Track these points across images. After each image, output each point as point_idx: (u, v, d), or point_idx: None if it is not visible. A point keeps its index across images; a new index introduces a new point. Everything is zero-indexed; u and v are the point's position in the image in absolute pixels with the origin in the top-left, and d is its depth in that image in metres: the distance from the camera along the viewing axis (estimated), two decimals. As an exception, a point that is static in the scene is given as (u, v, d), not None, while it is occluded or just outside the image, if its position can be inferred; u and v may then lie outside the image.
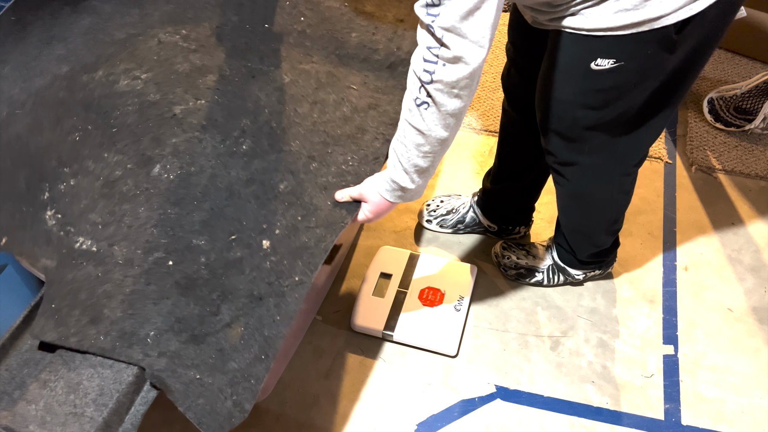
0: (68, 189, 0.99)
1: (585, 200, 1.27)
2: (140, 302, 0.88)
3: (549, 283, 1.49)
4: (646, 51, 0.91)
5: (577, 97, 1.02)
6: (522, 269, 1.48)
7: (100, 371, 0.82)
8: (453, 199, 1.63)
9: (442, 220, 1.60)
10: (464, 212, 1.59)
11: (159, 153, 1.03)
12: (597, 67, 0.94)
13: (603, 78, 0.95)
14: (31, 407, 0.79)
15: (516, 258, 1.49)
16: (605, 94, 0.99)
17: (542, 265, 1.48)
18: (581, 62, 0.95)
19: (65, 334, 0.84)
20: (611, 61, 0.93)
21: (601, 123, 1.04)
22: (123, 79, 1.13)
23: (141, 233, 0.95)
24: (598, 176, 1.19)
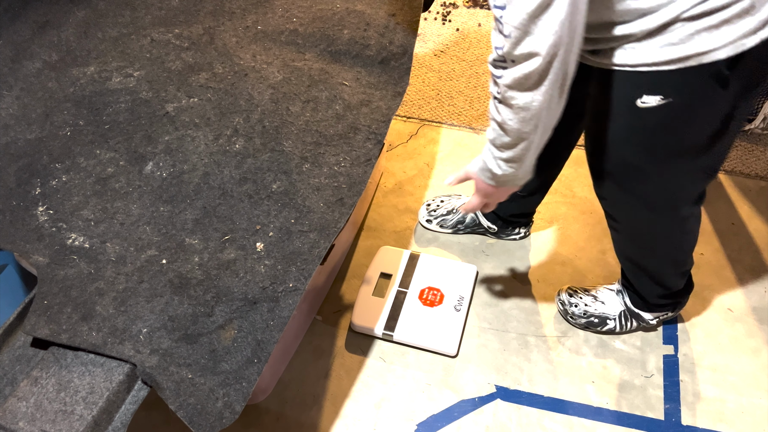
0: (60, 185, 1.00)
1: (645, 244, 1.20)
2: (133, 300, 0.88)
3: (622, 330, 1.40)
4: (695, 87, 0.86)
5: (624, 135, 0.97)
6: (593, 317, 1.40)
7: (91, 369, 0.82)
8: (453, 199, 1.62)
9: (442, 220, 1.60)
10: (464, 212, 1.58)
11: (151, 151, 1.04)
12: (643, 104, 0.89)
13: (650, 115, 0.91)
14: (21, 404, 0.79)
15: (585, 305, 1.41)
16: (653, 132, 0.94)
17: (613, 311, 1.39)
18: (627, 99, 0.91)
19: (57, 330, 0.84)
20: (658, 98, 0.88)
21: (651, 162, 0.99)
22: (115, 76, 1.13)
23: (133, 230, 0.95)
24: (654, 218, 1.12)
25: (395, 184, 1.74)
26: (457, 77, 2.05)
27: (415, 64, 2.10)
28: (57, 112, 1.09)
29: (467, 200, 0.98)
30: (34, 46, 1.18)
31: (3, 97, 1.10)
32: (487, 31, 2.21)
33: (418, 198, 1.70)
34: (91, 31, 1.21)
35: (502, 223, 1.55)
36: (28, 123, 1.07)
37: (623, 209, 1.14)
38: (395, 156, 1.82)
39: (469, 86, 2.02)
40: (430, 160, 1.80)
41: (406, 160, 1.80)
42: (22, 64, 1.15)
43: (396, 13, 1.27)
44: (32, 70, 1.15)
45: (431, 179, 1.75)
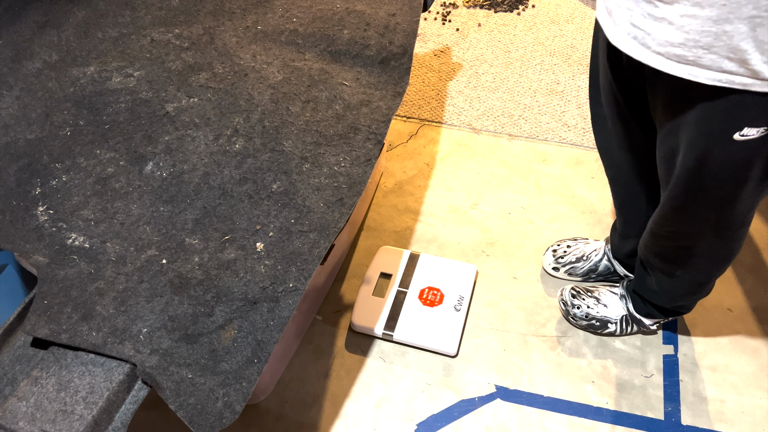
0: (60, 185, 1.00)
1: (694, 267, 1.13)
2: (133, 299, 0.88)
3: (622, 333, 1.39)
4: None
5: (716, 171, 0.86)
6: (594, 320, 1.38)
7: (91, 369, 0.82)
8: (581, 244, 1.51)
9: (571, 268, 1.49)
10: (596, 260, 1.47)
11: (151, 151, 1.04)
12: (742, 137, 0.77)
13: (749, 148, 0.79)
14: (21, 404, 0.79)
15: (587, 307, 1.39)
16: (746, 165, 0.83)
17: (615, 315, 1.37)
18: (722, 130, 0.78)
19: (57, 330, 0.84)
20: (763, 129, 0.75)
21: (736, 193, 0.90)
22: (115, 76, 1.13)
23: (133, 230, 0.95)
24: (714, 241, 1.04)
25: (395, 184, 1.74)
26: (457, 77, 2.05)
27: (415, 64, 2.10)
28: (57, 112, 1.09)
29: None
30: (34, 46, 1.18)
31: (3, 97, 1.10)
32: (487, 31, 2.21)
33: (418, 198, 1.70)
34: (91, 31, 1.22)
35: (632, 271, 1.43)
36: (28, 123, 1.08)
37: (688, 246, 1.06)
38: (395, 156, 1.82)
39: (469, 86, 2.02)
40: (430, 160, 1.80)
41: (406, 160, 1.80)
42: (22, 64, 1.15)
43: (396, 13, 1.27)
44: (32, 70, 1.15)
45: (431, 179, 1.75)
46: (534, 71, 2.06)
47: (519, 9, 2.30)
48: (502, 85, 2.02)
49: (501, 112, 1.93)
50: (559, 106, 1.94)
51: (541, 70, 2.07)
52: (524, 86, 2.01)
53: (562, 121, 1.89)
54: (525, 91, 2.00)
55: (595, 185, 1.72)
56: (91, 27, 1.22)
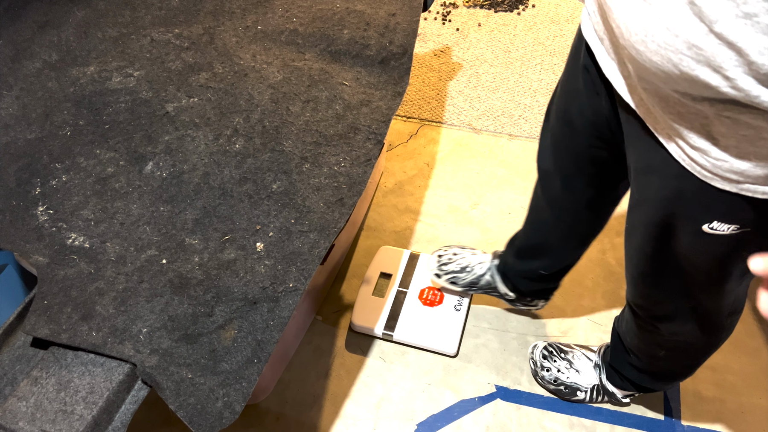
0: (60, 185, 1.00)
1: (679, 349, 1.04)
2: (133, 299, 0.88)
3: (591, 402, 1.31)
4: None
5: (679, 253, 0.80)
6: (563, 386, 1.31)
7: (91, 369, 0.82)
8: (468, 255, 1.42)
9: (453, 278, 1.40)
10: (480, 273, 1.38)
11: (151, 150, 1.04)
12: (711, 230, 0.70)
13: (717, 242, 0.72)
14: (21, 404, 0.79)
15: (557, 372, 1.31)
16: (718, 257, 0.76)
17: (585, 383, 1.30)
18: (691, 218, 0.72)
19: (57, 330, 0.84)
20: (733, 227, 0.68)
21: (708, 281, 0.83)
22: (115, 76, 1.14)
23: (133, 230, 0.95)
24: (701, 326, 0.96)
25: (395, 184, 1.74)
26: (457, 77, 2.05)
27: (415, 64, 2.10)
28: (57, 112, 1.09)
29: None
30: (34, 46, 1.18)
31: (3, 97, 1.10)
32: (487, 31, 2.21)
33: (418, 198, 1.70)
34: (91, 31, 1.22)
35: (521, 295, 1.35)
36: (28, 123, 1.08)
37: (666, 322, 0.97)
38: (395, 156, 1.82)
39: (469, 86, 2.02)
40: (430, 160, 1.80)
41: (406, 160, 1.80)
42: (22, 63, 1.15)
43: (396, 13, 1.27)
44: (32, 70, 1.15)
45: (431, 179, 1.75)
46: (534, 71, 2.06)
47: (519, 9, 2.30)
48: (502, 85, 2.02)
49: (501, 112, 1.93)
50: (559, 106, 1.94)
51: (541, 70, 2.07)
52: (524, 86, 2.01)
53: (562, 121, 1.89)
54: (525, 91, 2.00)
55: (595, 185, 1.72)
56: (91, 27, 1.22)
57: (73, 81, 1.13)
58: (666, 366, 1.12)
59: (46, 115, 1.08)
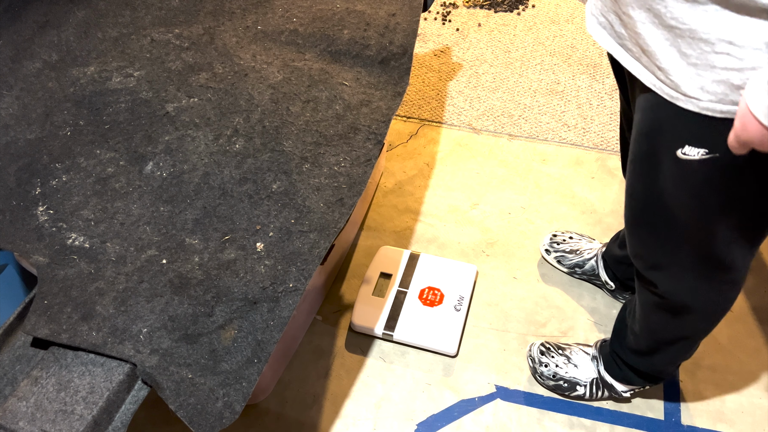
0: (60, 185, 1.00)
1: (677, 313, 1.03)
2: (133, 300, 0.88)
3: (591, 398, 1.31)
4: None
5: (663, 191, 0.82)
6: (562, 381, 1.31)
7: (91, 369, 0.82)
8: (583, 241, 1.53)
9: (561, 256, 1.51)
10: (587, 257, 1.48)
11: (151, 151, 1.04)
12: (684, 156, 0.73)
13: (691, 170, 0.75)
14: (21, 404, 0.79)
15: (555, 366, 1.31)
16: (696, 188, 0.78)
17: (584, 377, 1.30)
18: (666, 146, 0.75)
19: (57, 330, 0.84)
20: (702, 151, 0.71)
21: (694, 220, 0.84)
22: (115, 76, 1.14)
23: (133, 230, 0.95)
24: (695, 285, 0.96)
25: (395, 184, 1.74)
26: (457, 77, 2.05)
27: (415, 64, 2.10)
28: (57, 112, 1.09)
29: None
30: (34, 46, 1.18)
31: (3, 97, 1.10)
32: (487, 31, 2.21)
33: (418, 198, 1.70)
34: (91, 31, 1.22)
35: (621, 286, 1.42)
36: (28, 123, 1.08)
37: (660, 272, 0.97)
38: (395, 156, 1.82)
39: (469, 86, 2.02)
40: (430, 160, 1.80)
41: (406, 160, 1.80)
42: (22, 64, 1.15)
43: (396, 13, 1.27)
44: (32, 70, 1.15)
45: (431, 179, 1.75)
46: (534, 71, 2.06)
47: (519, 9, 2.30)
48: (502, 85, 2.02)
49: (501, 112, 1.93)
50: (559, 106, 1.94)
51: (541, 70, 2.07)
52: (524, 86, 2.01)
53: (562, 121, 1.89)
54: (525, 91, 2.00)
55: (595, 185, 1.72)
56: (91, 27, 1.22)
57: (73, 81, 1.13)
58: (665, 342, 1.11)
59: (46, 115, 1.08)
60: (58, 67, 1.15)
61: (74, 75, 1.14)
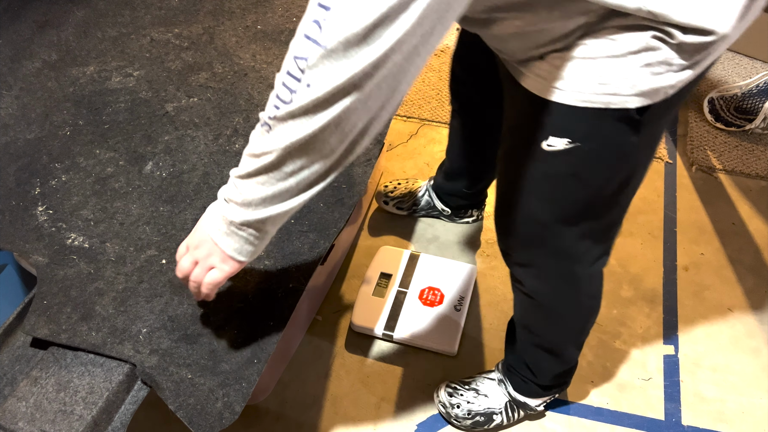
0: (60, 185, 1.00)
1: (549, 308, 1.04)
2: (132, 300, 0.88)
3: (510, 422, 1.26)
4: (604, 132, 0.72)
5: (529, 185, 0.83)
6: (478, 416, 1.25)
7: (91, 369, 0.82)
8: (409, 182, 1.65)
9: (398, 202, 1.62)
10: (420, 195, 1.61)
11: (151, 150, 1.04)
12: (549, 147, 0.75)
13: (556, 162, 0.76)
14: (21, 404, 0.79)
15: (468, 404, 1.26)
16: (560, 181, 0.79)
17: (497, 404, 1.25)
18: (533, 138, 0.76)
19: (56, 330, 0.84)
20: (566, 140, 0.73)
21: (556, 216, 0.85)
22: (115, 76, 1.14)
23: (133, 230, 0.95)
24: (560, 279, 0.97)
25: (395, 184, 1.74)
26: (457, 77, 2.05)
27: (415, 64, 2.10)
28: (56, 112, 1.09)
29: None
30: (34, 45, 1.18)
31: (2, 97, 1.10)
32: (487, 31, 2.21)
33: (418, 198, 1.70)
34: (90, 30, 1.22)
35: (455, 208, 1.58)
36: (27, 123, 1.08)
37: (528, 268, 0.98)
38: (395, 156, 1.82)
39: (469, 86, 2.02)
40: (430, 160, 1.80)
41: (406, 160, 1.80)
42: (22, 63, 1.15)
43: None
44: (32, 70, 1.15)
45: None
46: (534, 71, 2.06)
47: (519, 9, 2.29)
48: (502, 85, 2.02)
49: (501, 112, 1.93)
50: (559, 106, 1.94)
51: (541, 70, 2.06)
52: (524, 86, 2.01)
53: (562, 121, 1.89)
54: (525, 91, 2.00)
55: (595, 185, 1.72)
56: (90, 27, 1.22)
57: (73, 81, 1.13)
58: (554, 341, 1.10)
59: (45, 115, 1.08)
60: (57, 67, 1.15)
61: (74, 75, 1.14)
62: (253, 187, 0.66)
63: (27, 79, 1.13)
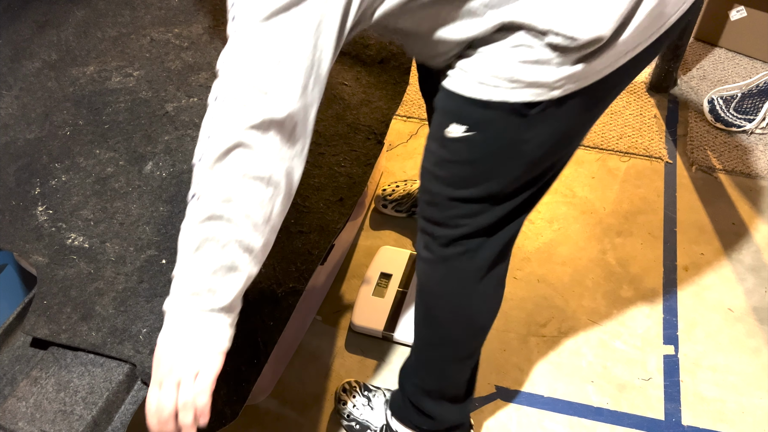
0: (60, 185, 1.00)
1: (434, 302, 0.99)
2: (132, 300, 0.88)
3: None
4: (495, 123, 0.74)
5: (432, 167, 0.85)
6: (354, 422, 1.25)
7: (91, 369, 0.82)
8: (407, 184, 1.64)
9: (397, 204, 1.62)
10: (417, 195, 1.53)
11: (151, 150, 1.04)
12: (449, 134, 0.77)
13: (453, 148, 0.79)
14: (21, 404, 0.79)
15: (352, 407, 1.25)
16: (456, 167, 0.81)
17: (377, 422, 1.24)
18: (439, 125, 0.79)
19: (56, 330, 0.84)
20: (463, 128, 0.76)
21: (453, 202, 0.85)
22: (115, 76, 1.13)
23: (133, 230, 0.95)
24: (446, 275, 0.94)
25: (395, 184, 1.74)
26: (457, 77, 2.05)
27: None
28: (56, 112, 1.09)
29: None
30: (34, 45, 1.18)
31: (2, 97, 1.10)
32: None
33: (418, 198, 1.71)
34: (90, 30, 1.21)
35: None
36: (27, 123, 1.07)
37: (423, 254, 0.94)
38: (395, 156, 1.82)
39: (469, 86, 2.02)
40: (430, 160, 1.80)
41: (406, 160, 1.80)
42: (22, 63, 1.15)
43: None
44: (32, 70, 1.15)
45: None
46: (534, 71, 2.06)
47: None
48: (502, 85, 2.02)
49: (501, 112, 1.93)
50: (559, 106, 1.94)
51: (541, 70, 2.06)
52: (524, 86, 2.01)
53: (562, 121, 1.89)
54: (525, 91, 2.00)
55: (595, 185, 1.72)
56: (90, 27, 1.22)
57: (73, 81, 1.13)
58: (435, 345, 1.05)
59: (45, 115, 1.08)
60: (57, 67, 1.15)
61: (74, 75, 1.14)
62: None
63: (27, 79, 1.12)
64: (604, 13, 0.65)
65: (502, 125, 0.75)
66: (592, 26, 0.65)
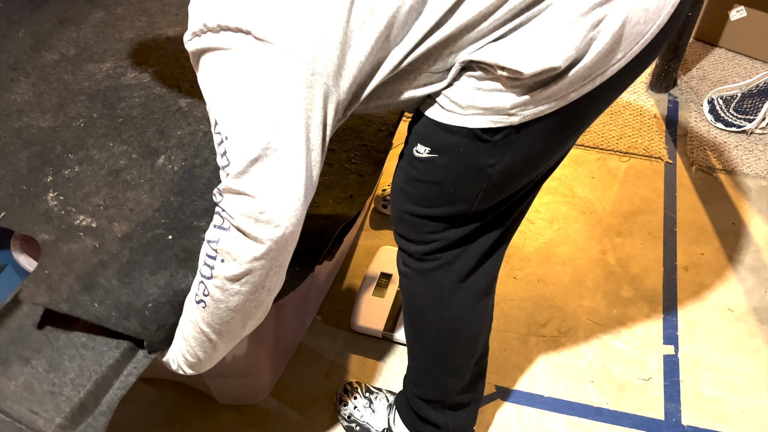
0: (72, 175, 1.01)
1: (417, 316, 1.01)
2: (137, 272, 0.87)
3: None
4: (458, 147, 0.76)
5: (401, 184, 0.87)
6: (355, 424, 1.26)
7: (82, 352, 0.82)
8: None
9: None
10: None
11: (164, 145, 1.05)
12: (417, 153, 0.80)
13: (420, 167, 0.81)
14: (11, 383, 0.79)
15: (353, 408, 1.26)
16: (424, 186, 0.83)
17: (378, 425, 1.24)
18: (409, 143, 0.82)
19: (56, 299, 0.83)
20: (427, 149, 0.79)
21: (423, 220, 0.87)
22: (130, 71, 1.15)
23: (142, 215, 0.95)
24: (426, 288, 0.95)
25: (395, 184, 1.74)
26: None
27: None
28: (71, 104, 1.10)
29: None
30: (53, 39, 1.21)
31: (19, 83, 1.11)
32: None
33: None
34: (108, 31, 1.24)
35: None
36: (42, 111, 1.09)
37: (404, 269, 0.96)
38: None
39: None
40: (430, 161, 1.80)
41: (406, 161, 1.80)
42: (41, 53, 1.17)
43: None
44: (50, 61, 1.16)
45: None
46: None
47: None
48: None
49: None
50: (559, 107, 1.94)
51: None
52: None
53: (562, 122, 1.89)
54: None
55: (595, 185, 1.72)
56: (108, 28, 1.25)
57: (89, 75, 1.14)
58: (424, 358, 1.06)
59: (60, 106, 1.09)
60: (74, 61, 1.16)
61: (90, 70, 1.15)
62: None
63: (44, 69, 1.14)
64: (554, 46, 0.65)
65: (464, 149, 0.76)
66: (539, 60, 0.66)
